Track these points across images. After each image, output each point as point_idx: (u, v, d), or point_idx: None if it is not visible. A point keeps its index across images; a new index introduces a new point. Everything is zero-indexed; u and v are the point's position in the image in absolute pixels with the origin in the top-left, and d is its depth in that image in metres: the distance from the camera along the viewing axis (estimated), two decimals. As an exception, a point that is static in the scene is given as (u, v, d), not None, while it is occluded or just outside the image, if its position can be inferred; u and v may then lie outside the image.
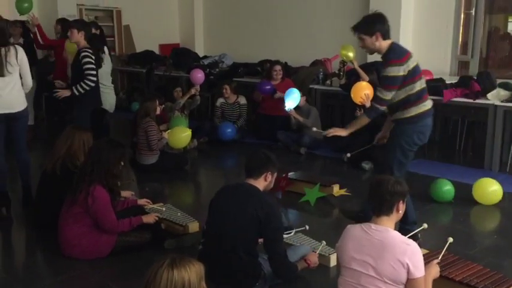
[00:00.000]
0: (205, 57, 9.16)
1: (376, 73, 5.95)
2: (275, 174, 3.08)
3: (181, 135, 5.60)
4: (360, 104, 5.72)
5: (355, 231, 2.50)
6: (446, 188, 4.62)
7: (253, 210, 2.84)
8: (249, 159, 3.05)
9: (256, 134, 7.02)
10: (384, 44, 3.45)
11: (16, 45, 4.26)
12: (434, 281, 2.72)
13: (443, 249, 2.85)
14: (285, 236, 3.64)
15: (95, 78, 5.03)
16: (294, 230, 3.75)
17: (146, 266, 1.94)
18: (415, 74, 3.43)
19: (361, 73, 6.13)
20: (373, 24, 3.45)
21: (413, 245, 2.37)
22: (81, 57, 5.00)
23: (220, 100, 7.13)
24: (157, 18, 10.01)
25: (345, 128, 3.67)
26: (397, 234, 2.42)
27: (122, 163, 3.59)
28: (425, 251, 3.05)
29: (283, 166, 5.42)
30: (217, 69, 8.35)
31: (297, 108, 6.50)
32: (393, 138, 3.59)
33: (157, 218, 3.72)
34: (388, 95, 3.38)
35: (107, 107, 5.81)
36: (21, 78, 4.26)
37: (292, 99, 6.34)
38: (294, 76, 7.34)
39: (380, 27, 3.43)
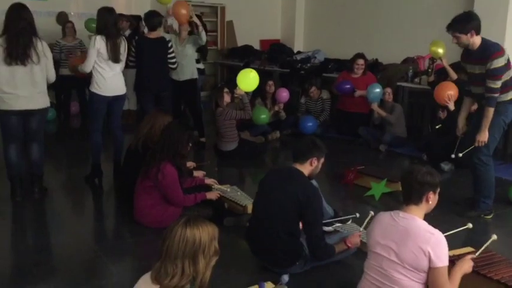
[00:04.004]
0: (298, 52, 9.34)
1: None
2: (322, 160, 3.17)
3: (250, 76, 5.64)
4: (442, 105, 5.56)
5: (383, 217, 2.56)
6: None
7: (295, 192, 2.97)
8: (296, 144, 3.19)
9: (337, 129, 7.06)
10: (477, 40, 3.85)
11: (124, 38, 4.83)
12: (473, 278, 2.68)
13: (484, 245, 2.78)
14: (337, 224, 3.74)
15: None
16: (347, 217, 3.82)
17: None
18: (509, 62, 3.92)
19: (450, 71, 5.93)
20: (468, 22, 3.82)
21: (438, 234, 2.37)
22: None
23: (305, 97, 7.29)
24: (260, 14, 10.36)
25: (481, 130, 3.94)
26: (423, 223, 2.43)
27: (190, 144, 3.94)
28: (471, 249, 2.98)
29: (361, 161, 5.47)
30: (308, 65, 8.48)
31: (380, 103, 6.44)
32: (492, 118, 3.92)
33: (219, 195, 4.03)
34: (499, 84, 3.83)
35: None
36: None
37: (376, 94, 6.31)
38: (381, 73, 7.25)
39: (474, 25, 3.81)
